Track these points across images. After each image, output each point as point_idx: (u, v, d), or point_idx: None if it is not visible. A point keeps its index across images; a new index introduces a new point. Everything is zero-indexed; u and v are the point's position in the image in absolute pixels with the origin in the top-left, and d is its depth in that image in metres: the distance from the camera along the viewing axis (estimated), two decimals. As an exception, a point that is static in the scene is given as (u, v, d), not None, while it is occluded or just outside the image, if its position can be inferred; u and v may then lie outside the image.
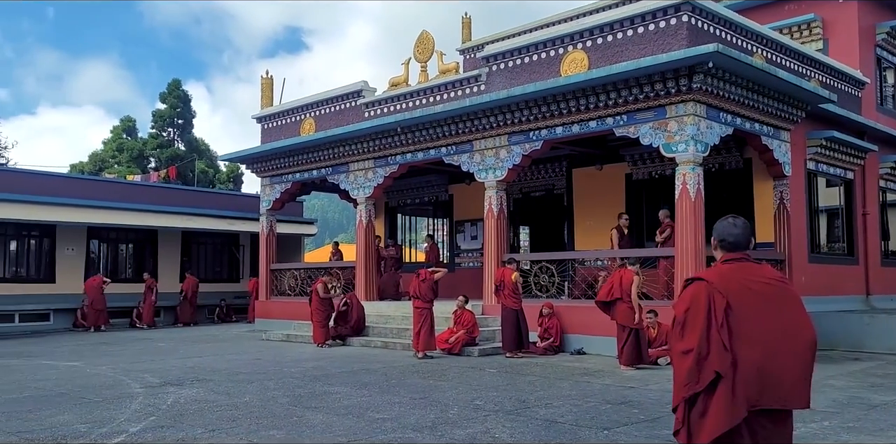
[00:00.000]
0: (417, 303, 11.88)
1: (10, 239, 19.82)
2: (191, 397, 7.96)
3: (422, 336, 11.62)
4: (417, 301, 11.89)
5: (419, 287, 11.93)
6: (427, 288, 11.92)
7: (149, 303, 20.00)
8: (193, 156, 39.72)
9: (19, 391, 8.53)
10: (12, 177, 20.08)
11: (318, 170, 17.01)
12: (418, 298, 11.89)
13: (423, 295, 11.88)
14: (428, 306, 11.86)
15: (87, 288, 18.90)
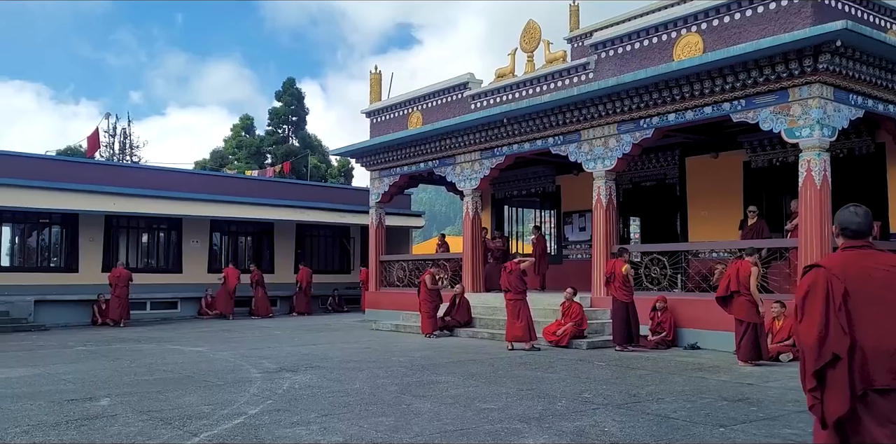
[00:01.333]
0: (509, 295, 11.83)
1: (141, 232, 21.19)
2: (305, 382, 8.23)
3: (521, 328, 11.54)
4: (509, 293, 11.85)
5: (508, 279, 11.88)
6: (516, 279, 11.85)
7: (260, 295, 20.73)
8: (307, 151, 41.10)
9: (150, 374, 9.09)
10: (144, 174, 21.43)
11: (425, 163, 17.19)
12: (509, 290, 11.83)
13: (514, 287, 11.81)
14: (521, 297, 11.78)
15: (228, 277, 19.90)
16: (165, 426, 5.92)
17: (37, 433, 5.71)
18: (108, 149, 39.68)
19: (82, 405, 6.92)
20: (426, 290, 14.21)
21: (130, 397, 7.35)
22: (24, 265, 19.00)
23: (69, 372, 9.26)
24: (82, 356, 11.20)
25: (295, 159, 37.62)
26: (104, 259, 19.62)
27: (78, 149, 37.53)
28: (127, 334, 15.44)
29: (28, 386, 8.11)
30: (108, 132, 39.98)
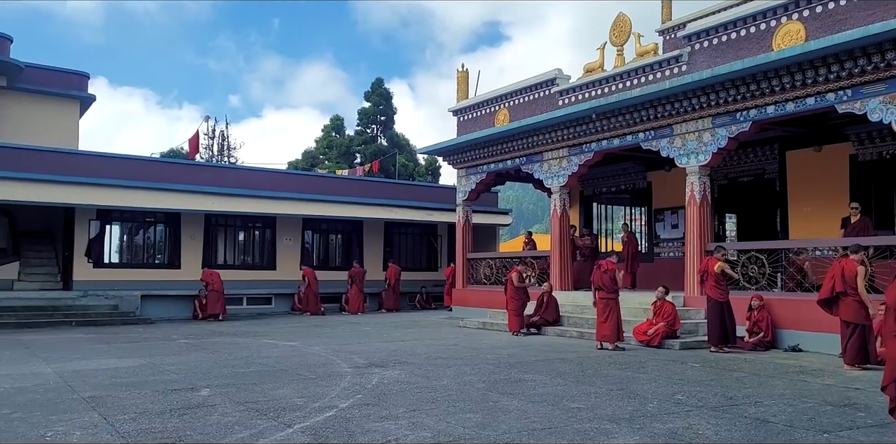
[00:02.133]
0: (602, 294, 11.63)
1: (238, 230, 22.01)
2: (393, 378, 8.34)
3: (609, 327, 11.33)
4: (601, 292, 11.64)
5: (601, 278, 11.66)
6: (609, 279, 11.62)
7: (354, 291, 21.16)
8: (394, 151, 41.68)
9: (247, 366, 9.42)
10: (240, 174, 22.23)
11: (511, 160, 17.11)
12: (602, 288, 11.61)
13: (606, 286, 11.58)
14: (613, 296, 11.56)
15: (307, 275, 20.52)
16: (261, 417, 6.12)
17: (143, 420, 6.01)
18: (207, 150, 41.43)
19: (184, 394, 7.24)
20: (513, 288, 14.15)
21: (229, 388, 7.63)
22: (131, 262, 20.06)
23: (172, 363, 9.70)
24: (184, 349, 11.72)
25: (383, 158, 38.22)
26: (204, 256, 20.49)
27: (180, 151, 39.33)
28: (225, 328, 16.06)
29: (135, 376, 8.55)
30: (208, 135, 41.75)
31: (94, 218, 18.94)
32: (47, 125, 20.67)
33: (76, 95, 21.49)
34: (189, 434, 5.48)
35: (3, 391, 7.45)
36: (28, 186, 17.20)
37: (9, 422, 5.92)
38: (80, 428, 5.69)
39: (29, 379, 8.28)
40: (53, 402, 6.82)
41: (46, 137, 20.15)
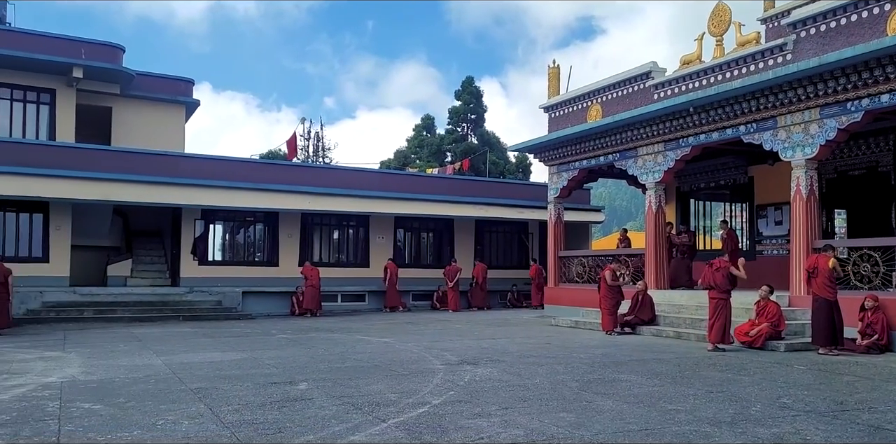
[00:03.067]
0: (713, 293, 11.22)
1: (333, 228, 22.55)
2: (485, 375, 8.33)
3: (716, 328, 10.93)
4: (713, 291, 11.23)
5: (713, 277, 11.23)
6: (722, 278, 11.17)
7: (452, 289, 21.32)
8: (485, 149, 41.70)
9: (342, 362, 9.64)
10: (335, 174, 22.75)
11: (604, 156, 16.79)
12: (713, 288, 11.20)
13: (718, 285, 11.16)
14: (724, 296, 11.13)
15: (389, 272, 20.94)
16: (356, 411, 6.23)
17: (245, 411, 6.24)
18: (303, 151, 42.65)
19: (283, 388, 7.47)
20: (606, 286, 13.89)
21: (325, 382, 7.82)
22: (233, 260, 20.89)
23: (272, 357, 10.03)
24: (283, 343, 12.11)
25: (473, 157, 38.30)
26: (301, 254, 21.10)
27: (278, 152, 40.66)
28: (321, 324, 16.49)
29: (237, 369, 8.89)
30: (304, 136, 42.98)
31: (199, 218, 19.83)
32: (156, 129, 21.78)
33: (182, 101, 22.54)
34: (289, 426, 5.65)
35: (119, 381, 7.90)
36: (139, 187, 18.17)
37: (124, 410, 6.27)
38: (187, 418, 5.95)
39: (141, 370, 8.75)
40: (163, 392, 7.17)
41: (155, 140, 21.24)
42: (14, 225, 17.63)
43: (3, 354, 10.56)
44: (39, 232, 17.78)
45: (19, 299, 16.09)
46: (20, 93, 18.98)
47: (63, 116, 19.34)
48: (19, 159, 16.95)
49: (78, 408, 6.34)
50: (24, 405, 6.48)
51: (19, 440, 5.17)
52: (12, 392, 7.18)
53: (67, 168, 17.45)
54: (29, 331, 14.40)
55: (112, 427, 5.59)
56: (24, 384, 7.67)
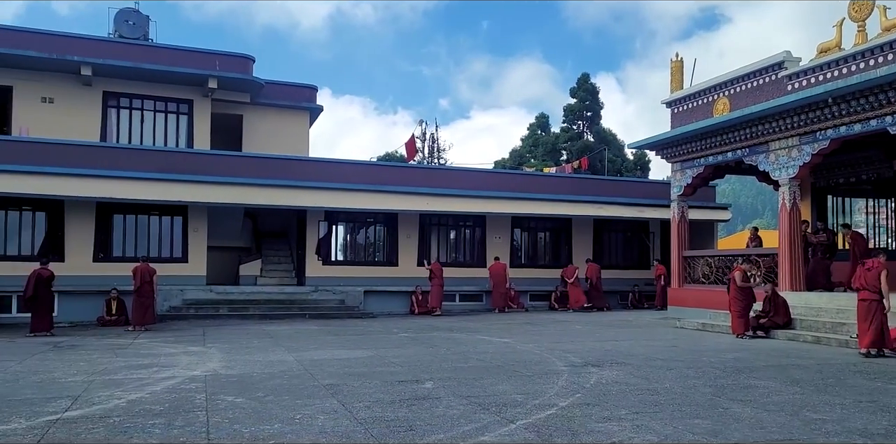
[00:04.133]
0: (864, 295, 10.47)
1: (450, 229, 22.78)
2: (611, 378, 8.16)
3: (871, 332, 10.20)
4: (864, 293, 10.47)
5: (865, 277, 10.49)
6: (874, 277, 10.41)
7: (573, 288, 21.11)
8: (602, 146, 40.94)
9: (465, 361, 9.71)
10: (452, 175, 22.97)
11: (732, 152, 16.06)
12: (865, 289, 10.45)
13: (870, 285, 10.41)
14: (877, 298, 10.36)
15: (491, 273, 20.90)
16: (484, 412, 6.25)
17: (376, 408, 6.39)
18: (419, 153, 43.39)
19: (410, 386, 7.61)
20: (736, 287, 13.28)
21: (450, 382, 7.90)
22: (354, 260, 21.51)
23: (396, 356, 10.25)
24: (405, 342, 12.34)
25: (591, 154, 37.66)
26: (419, 254, 21.45)
27: (395, 154, 41.55)
28: (440, 323, 16.69)
29: (365, 367, 9.14)
30: (420, 138, 43.72)
31: (323, 219, 20.56)
32: (283, 135, 22.78)
33: (307, 107, 23.46)
34: (419, 425, 5.74)
35: (257, 376, 8.31)
36: (268, 191, 19.05)
37: (263, 404, 6.58)
38: (322, 413, 6.17)
39: (276, 366, 9.16)
40: (298, 388, 7.47)
41: (282, 146, 22.22)
42: (157, 228, 18.90)
43: (151, 348, 11.36)
44: (179, 234, 18.98)
45: (162, 296, 17.25)
46: (162, 104, 20.36)
47: (199, 124, 20.58)
48: (161, 166, 18.16)
49: (222, 401, 6.71)
50: (174, 397, 6.93)
51: (173, 430, 5.53)
52: (163, 384, 7.69)
53: (204, 173, 18.54)
54: (172, 327, 15.40)
55: (255, 420, 5.87)
56: (172, 377, 8.20)
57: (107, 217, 18.18)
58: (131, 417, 5.99)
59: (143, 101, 20.13)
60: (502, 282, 20.75)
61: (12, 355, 10.49)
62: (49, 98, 18.96)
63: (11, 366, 9.22)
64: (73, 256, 17.60)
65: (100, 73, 19.04)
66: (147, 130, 20.18)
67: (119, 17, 21.39)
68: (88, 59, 18.58)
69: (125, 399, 6.78)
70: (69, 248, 17.64)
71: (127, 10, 21.59)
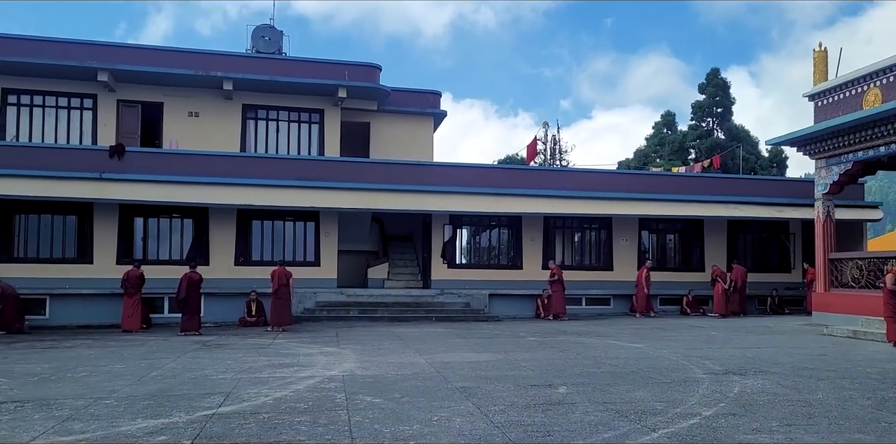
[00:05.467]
0: None
1: (574, 231, 22.44)
2: (756, 388, 7.74)
3: None
4: None
5: None
6: None
7: (717, 292, 20.27)
8: (735, 144, 39.06)
9: (597, 367, 9.51)
10: (575, 177, 22.62)
11: (886, 146, 14.87)
12: None
13: None
14: None
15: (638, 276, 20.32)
16: (622, 419, 6.09)
17: (512, 412, 6.37)
18: (540, 155, 43.07)
19: (543, 391, 7.53)
20: (889, 292, 12.28)
21: (584, 387, 7.76)
22: (478, 263, 21.60)
23: (526, 360, 10.19)
24: (534, 346, 12.25)
25: (723, 153, 36.02)
26: (543, 257, 21.26)
27: (516, 157, 41.48)
28: (567, 327, 16.45)
29: (496, 370, 9.14)
30: (541, 140, 43.39)
31: (448, 223, 20.79)
32: (408, 141, 23.24)
33: (431, 112, 23.84)
34: (556, 430, 5.66)
35: (391, 377, 8.49)
36: (395, 196, 19.48)
37: (400, 405, 6.71)
38: (458, 416, 6.22)
39: (408, 368, 9.33)
40: (431, 390, 7.57)
41: (407, 151, 22.67)
42: (291, 233, 19.76)
43: (290, 348, 11.87)
44: (312, 239, 19.77)
45: (297, 299, 18.00)
46: (295, 114, 21.31)
47: (330, 132, 21.36)
48: (295, 173, 18.98)
49: (361, 401, 6.90)
50: (316, 396, 7.20)
51: (318, 428, 5.74)
52: (305, 383, 8.01)
53: (334, 180, 19.22)
54: (307, 328, 16.05)
55: (393, 420, 6.00)
56: (312, 376, 8.53)
57: (246, 223, 19.21)
58: (279, 414, 6.27)
59: (278, 112, 21.14)
60: (645, 286, 20.23)
61: (167, 352, 11.27)
62: (195, 112, 20.30)
63: (168, 363, 9.91)
64: (216, 260, 18.71)
65: (239, 87, 20.16)
66: (282, 140, 21.17)
67: (256, 33, 22.59)
68: (230, 75, 19.74)
69: (271, 397, 7.12)
70: (213, 252, 18.76)
71: (263, 27, 22.77)
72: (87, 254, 17.96)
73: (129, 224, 18.46)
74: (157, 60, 19.53)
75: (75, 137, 19.57)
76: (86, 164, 17.61)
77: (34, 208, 17.74)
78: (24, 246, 17.85)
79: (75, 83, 19.24)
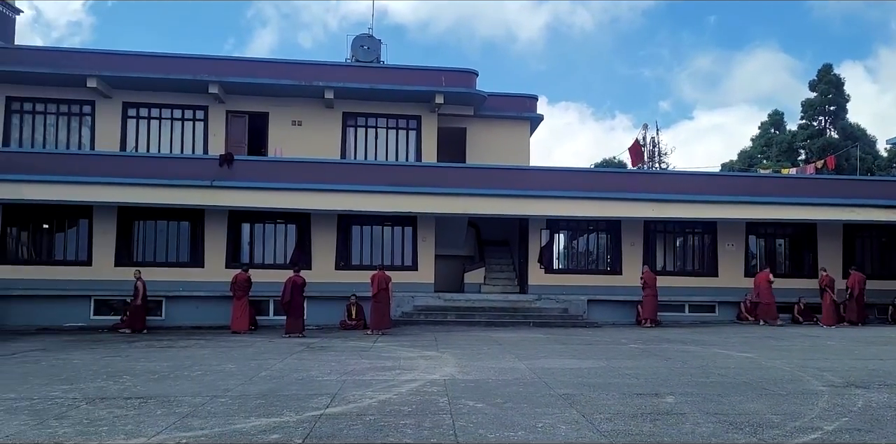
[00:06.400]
0: None
1: (676, 236, 21.76)
2: (883, 402, 7.26)
3: None
4: None
5: None
6: None
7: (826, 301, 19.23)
8: (850, 144, 36.93)
9: (705, 376, 9.16)
10: (676, 179, 21.94)
11: None
12: None
13: None
14: None
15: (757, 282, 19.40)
16: (736, 431, 5.83)
17: (618, 421, 6.22)
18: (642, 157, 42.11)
19: (650, 400, 7.32)
20: None
21: (693, 397, 7.49)
22: (576, 268, 21.28)
23: (629, 367, 9.94)
24: (636, 353, 11.94)
25: (839, 153, 34.11)
26: (643, 263, 20.71)
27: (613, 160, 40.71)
28: (669, 334, 15.96)
29: (598, 377, 8.96)
30: (640, 142, 42.41)
31: (545, 227, 20.60)
32: (503, 145, 23.19)
33: (527, 117, 23.71)
34: (666, 441, 5.49)
35: (493, 382, 8.47)
36: (491, 201, 19.46)
37: (504, 410, 6.67)
38: (563, 423, 6.12)
39: (509, 373, 9.28)
40: (534, 396, 7.50)
41: (503, 156, 22.62)
42: (389, 238, 20.09)
43: (391, 351, 12.05)
44: (409, 243, 20.03)
45: (396, 302, 18.25)
46: (393, 121, 21.67)
47: (427, 138, 21.62)
48: (393, 179, 19.29)
49: (464, 405, 6.91)
50: (419, 399, 7.26)
51: (423, 431, 5.78)
52: (407, 386, 8.10)
53: (431, 185, 19.41)
54: (405, 331, 16.25)
55: (497, 426, 5.96)
56: (414, 380, 8.62)
57: (346, 228, 19.66)
58: (384, 416, 6.36)
59: (376, 119, 21.57)
60: (767, 292, 19.34)
61: (274, 354, 11.67)
62: (298, 121, 20.97)
63: (275, 364, 10.25)
64: (318, 264, 19.23)
65: (340, 95, 20.69)
66: (380, 146, 21.57)
67: (355, 43, 23.16)
68: (331, 84, 20.30)
69: (376, 399, 7.23)
70: (315, 256, 19.30)
71: (362, 36, 23.31)
72: (198, 258, 18.86)
73: (237, 229, 19.28)
74: (263, 72, 20.32)
75: (188, 147, 20.59)
76: (197, 172, 18.52)
77: (151, 215, 18.81)
78: (142, 250, 18.95)
79: (188, 96, 20.27)
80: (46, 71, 19.05)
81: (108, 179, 17.90)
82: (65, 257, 18.68)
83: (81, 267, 18.41)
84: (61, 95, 19.75)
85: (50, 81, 19.32)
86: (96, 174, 17.97)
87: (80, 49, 20.97)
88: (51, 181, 17.64)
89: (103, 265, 18.42)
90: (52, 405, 6.86)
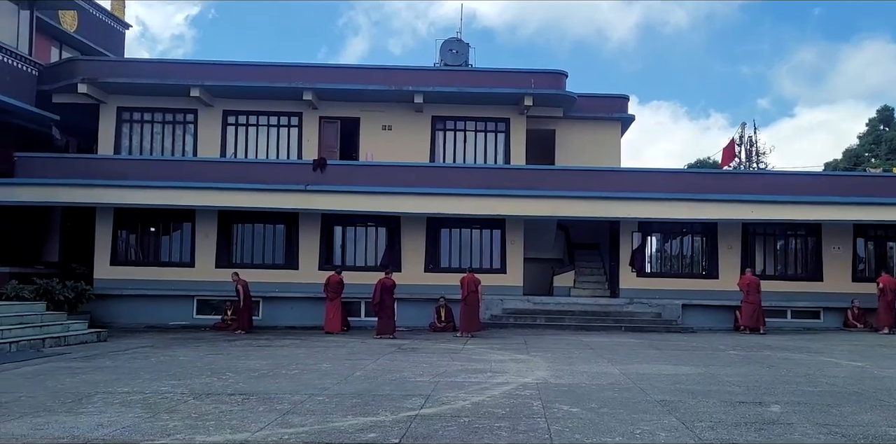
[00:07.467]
0: None
1: (777, 238, 20.86)
2: None
3: None
4: None
5: None
6: None
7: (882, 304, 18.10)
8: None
9: (812, 385, 8.73)
10: (777, 180, 21.04)
11: None
12: None
13: None
14: None
15: None
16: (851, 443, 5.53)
17: (720, 429, 6.00)
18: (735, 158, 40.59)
19: (754, 408, 7.03)
20: None
21: (800, 406, 7.15)
22: (670, 271, 20.71)
23: (729, 375, 9.58)
24: (735, 360, 11.51)
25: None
26: (741, 266, 19.94)
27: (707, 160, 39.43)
28: (770, 341, 15.34)
29: (697, 384, 8.68)
30: (737, 142, 40.90)
31: (636, 230, 20.16)
32: (594, 147, 22.81)
33: (618, 117, 23.25)
34: (774, 452, 5.26)
35: (585, 387, 8.34)
36: (581, 203, 19.16)
37: (599, 416, 6.55)
38: (662, 430, 5.95)
39: (602, 378, 9.11)
40: (630, 401, 7.33)
41: (593, 157, 22.23)
42: (478, 240, 20.12)
43: (481, 354, 12.05)
44: (498, 246, 20.00)
45: (485, 305, 18.25)
46: (482, 124, 21.67)
47: (515, 141, 21.50)
48: (481, 182, 19.29)
49: (558, 409, 6.83)
50: (512, 402, 7.23)
51: (518, 434, 5.74)
52: (500, 389, 8.08)
53: (520, 188, 19.30)
54: (494, 334, 16.23)
55: (593, 431, 5.86)
56: (506, 383, 8.58)
57: (435, 231, 19.82)
58: (478, 418, 6.36)
59: (465, 122, 21.61)
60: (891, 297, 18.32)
61: (366, 354, 11.88)
62: (388, 126, 21.27)
63: (369, 364, 10.43)
64: (408, 266, 19.46)
65: (429, 99, 20.86)
66: (469, 149, 21.61)
67: (444, 47, 23.31)
68: (420, 88, 20.50)
69: (469, 401, 7.24)
70: (405, 259, 19.55)
71: (451, 40, 23.44)
72: (293, 260, 19.44)
73: (330, 232, 19.76)
74: (354, 78, 20.72)
75: (283, 153, 21.25)
76: (292, 177, 19.07)
77: (248, 218, 19.54)
78: (240, 252, 19.70)
79: (283, 103, 20.90)
80: (153, 82, 20.05)
81: (210, 184, 18.66)
82: (170, 259, 19.64)
83: (185, 268, 19.31)
84: (166, 104, 20.73)
85: (156, 92, 20.32)
86: (199, 179, 18.79)
87: (183, 60, 22.02)
88: (157, 187, 18.56)
89: (205, 267, 19.26)
90: (163, 400, 7.20)
